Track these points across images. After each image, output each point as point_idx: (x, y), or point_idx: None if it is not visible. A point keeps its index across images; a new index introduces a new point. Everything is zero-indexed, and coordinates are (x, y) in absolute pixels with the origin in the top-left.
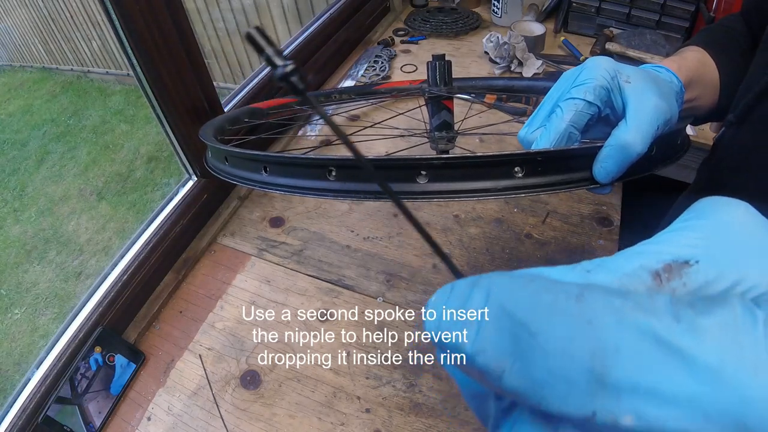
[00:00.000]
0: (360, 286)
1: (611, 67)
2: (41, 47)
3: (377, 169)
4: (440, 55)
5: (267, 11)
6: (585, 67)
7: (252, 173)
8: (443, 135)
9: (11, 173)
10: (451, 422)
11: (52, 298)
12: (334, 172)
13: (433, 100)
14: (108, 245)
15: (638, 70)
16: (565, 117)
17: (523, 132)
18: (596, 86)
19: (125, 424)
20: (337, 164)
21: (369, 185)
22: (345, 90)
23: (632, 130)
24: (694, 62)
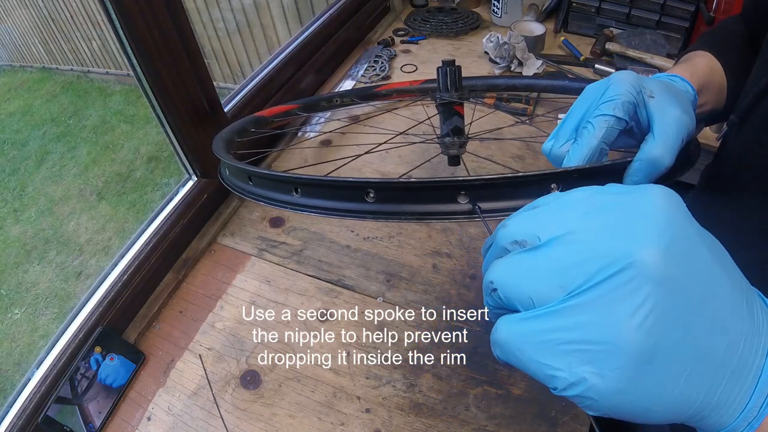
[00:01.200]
0: (360, 286)
1: (636, 82)
2: (41, 47)
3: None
4: (450, 60)
5: (267, 11)
6: (612, 82)
7: (281, 194)
8: (455, 140)
9: (11, 173)
10: (451, 422)
11: (52, 298)
12: (372, 193)
13: (445, 106)
14: (108, 245)
15: (660, 83)
16: (597, 133)
17: (548, 145)
18: (624, 102)
19: (125, 424)
20: (376, 186)
21: (411, 206)
22: (346, 93)
23: (660, 145)
24: (704, 68)
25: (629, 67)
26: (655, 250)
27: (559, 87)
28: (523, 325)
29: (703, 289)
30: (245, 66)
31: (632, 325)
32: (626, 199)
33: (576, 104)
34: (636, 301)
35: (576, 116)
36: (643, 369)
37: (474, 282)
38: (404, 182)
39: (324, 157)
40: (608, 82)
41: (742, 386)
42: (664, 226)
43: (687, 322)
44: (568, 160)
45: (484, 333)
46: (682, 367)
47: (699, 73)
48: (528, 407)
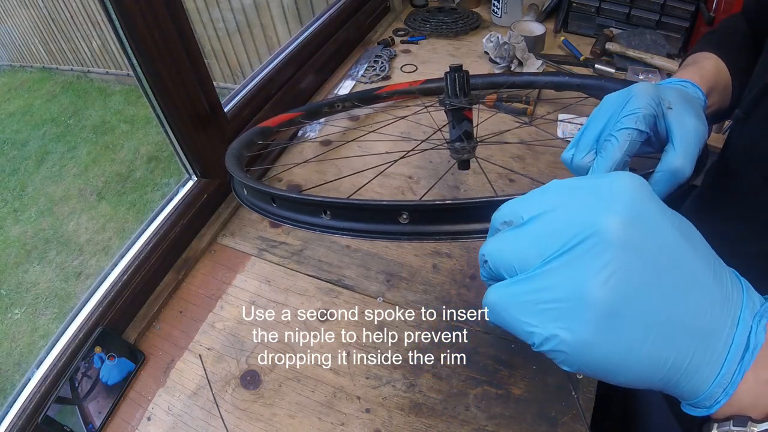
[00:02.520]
0: (360, 286)
1: (656, 94)
2: (41, 47)
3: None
4: (457, 66)
5: (267, 11)
6: (632, 95)
7: (309, 216)
8: (465, 145)
9: (11, 173)
10: (451, 422)
11: (52, 298)
12: (406, 215)
13: (454, 111)
14: (108, 245)
15: (677, 93)
16: (621, 146)
17: (568, 155)
18: (646, 115)
19: (125, 424)
20: (411, 208)
21: (446, 226)
22: (348, 97)
23: (680, 155)
24: (712, 71)
25: (629, 67)
26: (616, 219)
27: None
28: (507, 289)
29: (666, 257)
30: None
31: (596, 283)
32: (597, 182)
33: (596, 115)
34: (599, 263)
35: (597, 127)
36: (608, 323)
37: (474, 282)
38: (439, 204)
39: (325, 158)
40: (629, 95)
41: (713, 352)
42: (627, 202)
43: (650, 283)
44: (593, 173)
45: (484, 333)
46: (648, 325)
47: (707, 76)
48: (528, 407)
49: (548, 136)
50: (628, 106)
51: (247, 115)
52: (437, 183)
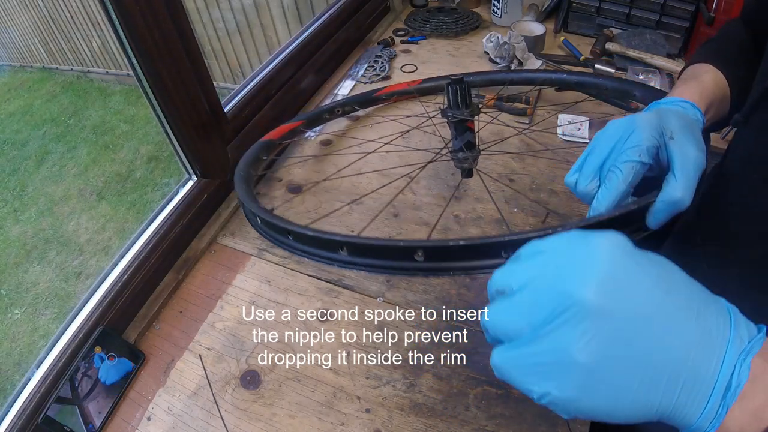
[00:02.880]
0: (360, 286)
1: (658, 125)
2: (41, 47)
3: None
4: (458, 78)
5: (267, 11)
6: (635, 126)
7: (326, 252)
8: (468, 155)
9: (11, 173)
10: (451, 422)
11: (52, 298)
12: (421, 253)
13: (457, 123)
14: (108, 245)
15: (678, 120)
16: (625, 179)
17: (572, 179)
18: (649, 147)
19: (125, 424)
20: (426, 248)
21: (460, 263)
22: (347, 102)
23: (681, 187)
24: (711, 86)
25: (629, 67)
26: (591, 290)
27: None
28: (507, 353)
29: (642, 312)
30: (245, 66)
31: (577, 347)
32: (574, 249)
33: (599, 141)
34: (579, 331)
35: (600, 155)
36: (592, 380)
37: (474, 282)
38: (453, 245)
39: (325, 158)
40: (632, 126)
41: (696, 394)
42: (602, 268)
43: (628, 339)
44: (598, 203)
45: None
46: (629, 377)
47: (706, 92)
48: (528, 407)
49: (548, 137)
50: (632, 139)
51: (247, 115)
52: (437, 184)
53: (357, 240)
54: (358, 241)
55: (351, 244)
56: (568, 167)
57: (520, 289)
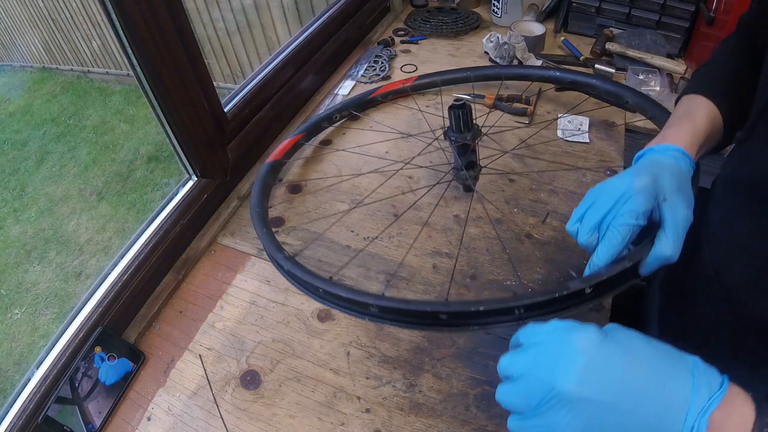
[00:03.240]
0: (360, 286)
1: (653, 190)
2: (41, 47)
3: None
4: (459, 103)
5: (267, 11)
6: (633, 193)
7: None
8: (470, 174)
9: (11, 173)
10: (451, 422)
11: (52, 298)
12: (444, 316)
13: (460, 146)
14: (108, 245)
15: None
16: (622, 239)
17: (573, 228)
18: (645, 211)
19: (125, 424)
20: (448, 312)
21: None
22: (344, 106)
23: (671, 245)
24: (704, 126)
25: (629, 67)
26: (570, 383)
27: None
28: (516, 422)
29: (612, 396)
30: (245, 66)
31: (562, 425)
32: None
33: (599, 198)
34: (563, 414)
35: (600, 212)
36: None
37: (474, 282)
38: (474, 311)
39: (325, 158)
40: (631, 190)
41: None
42: (578, 365)
43: (603, 416)
44: (598, 258)
45: (484, 333)
46: None
47: (699, 134)
48: None
49: (548, 137)
50: (630, 204)
51: (247, 115)
52: (435, 185)
53: (386, 305)
54: (388, 305)
55: (380, 306)
56: (569, 167)
57: (518, 378)
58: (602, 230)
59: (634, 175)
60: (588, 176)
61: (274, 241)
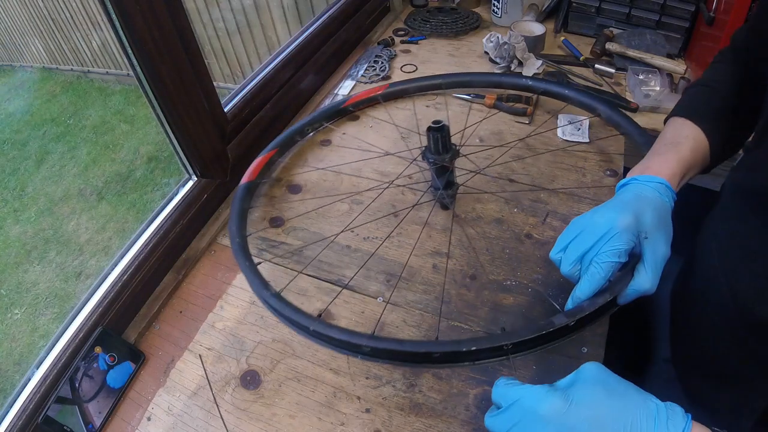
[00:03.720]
0: (360, 286)
1: (636, 228)
2: (41, 47)
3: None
4: (438, 126)
5: (267, 11)
6: (617, 231)
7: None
8: (444, 193)
9: (11, 173)
10: (451, 422)
11: (52, 298)
12: (438, 355)
13: (436, 168)
14: (108, 245)
15: (653, 215)
16: (604, 275)
17: (557, 257)
18: (627, 249)
19: (125, 424)
20: (442, 352)
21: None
22: (316, 119)
23: (650, 279)
24: (689, 155)
25: (629, 67)
26: None
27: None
28: None
29: None
30: (245, 66)
31: None
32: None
33: (583, 232)
34: None
35: (583, 245)
36: None
37: (474, 282)
38: (465, 351)
39: (325, 158)
40: (615, 228)
41: None
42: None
43: None
44: (581, 291)
45: (483, 333)
46: None
47: (684, 163)
48: None
49: (548, 137)
50: (613, 242)
51: (247, 115)
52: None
53: (378, 347)
54: (379, 348)
55: (372, 348)
56: (568, 167)
57: None
58: (585, 264)
59: (618, 211)
60: (588, 176)
61: (259, 276)
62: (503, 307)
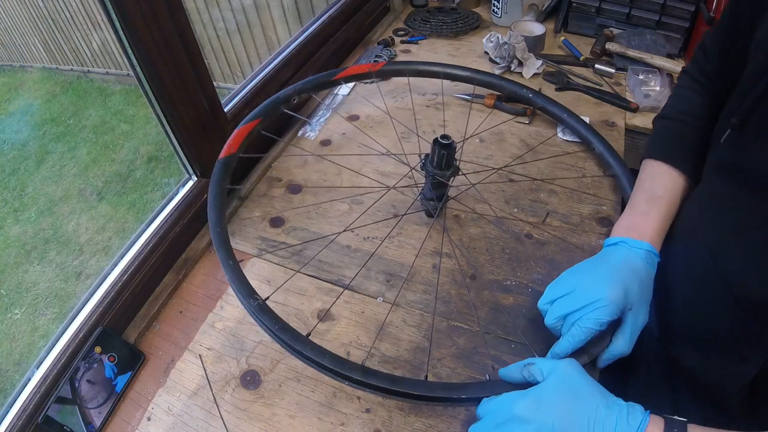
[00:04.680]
0: (360, 286)
1: (623, 303)
2: (41, 47)
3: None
4: (447, 143)
5: (267, 11)
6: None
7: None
8: (436, 204)
9: (11, 173)
10: (451, 422)
11: (52, 298)
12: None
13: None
14: (108, 245)
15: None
16: (584, 338)
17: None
18: (610, 320)
19: (125, 424)
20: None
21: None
22: (303, 88)
23: (627, 344)
24: (671, 208)
25: (629, 67)
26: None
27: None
28: None
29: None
30: (245, 66)
31: None
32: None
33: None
34: None
35: (571, 306)
36: None
37: (474, 282)
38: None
39: (325, 158)
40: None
41: None
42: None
43: None
44: (560, 348)
45: (483, 333)
46: None
47: (667, 218)
48: None
49: (548, 138)
50: (599, 312)
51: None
52: None
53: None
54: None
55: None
56: (568, 167)
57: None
58: (568, 323)
59: (608, 284)
60: (588, 177)
61: (244, 280)
62: (503, 307)
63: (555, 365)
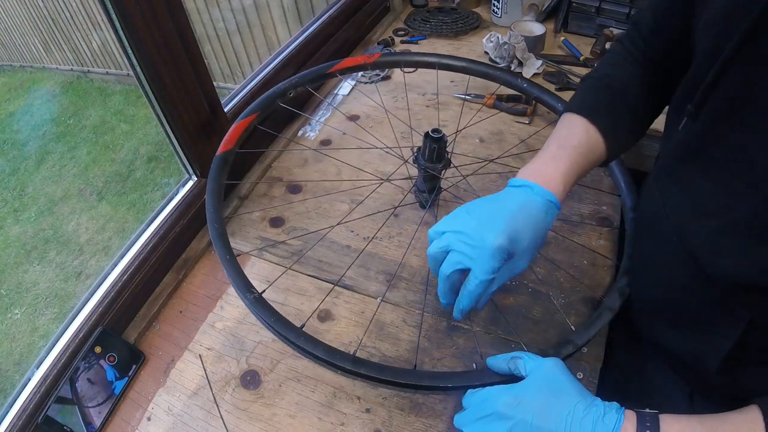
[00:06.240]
0: (360, 286)
1: (507, 250)
2: (41, 47)
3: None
4: (438, 136)
5: (267, 11)
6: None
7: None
8: (428, 197)
9: (11, 173)
10: (451, 422)
11: (52, 298)
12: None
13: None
14: (108, 245)
15: (530, 241)
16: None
17: (433, 233)
18: (485, 279)
19: (125, 424)
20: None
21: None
22: (300, 82)
23: (491, 288)
24: (582, 159)
25: None
26: None
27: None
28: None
29: None
30: (245, 66)
31: None
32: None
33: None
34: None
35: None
36: None
37: None
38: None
39: (325, 158)
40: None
41: None
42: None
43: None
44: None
45: (483, 333)
46: None
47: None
48: None
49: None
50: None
51: None
52: None
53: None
54: (367, 374)
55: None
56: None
57: None
58: (450, 260)
59: (497, 231)
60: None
61: (241, 274)
62: (503, 307)
63: (539, 363)
